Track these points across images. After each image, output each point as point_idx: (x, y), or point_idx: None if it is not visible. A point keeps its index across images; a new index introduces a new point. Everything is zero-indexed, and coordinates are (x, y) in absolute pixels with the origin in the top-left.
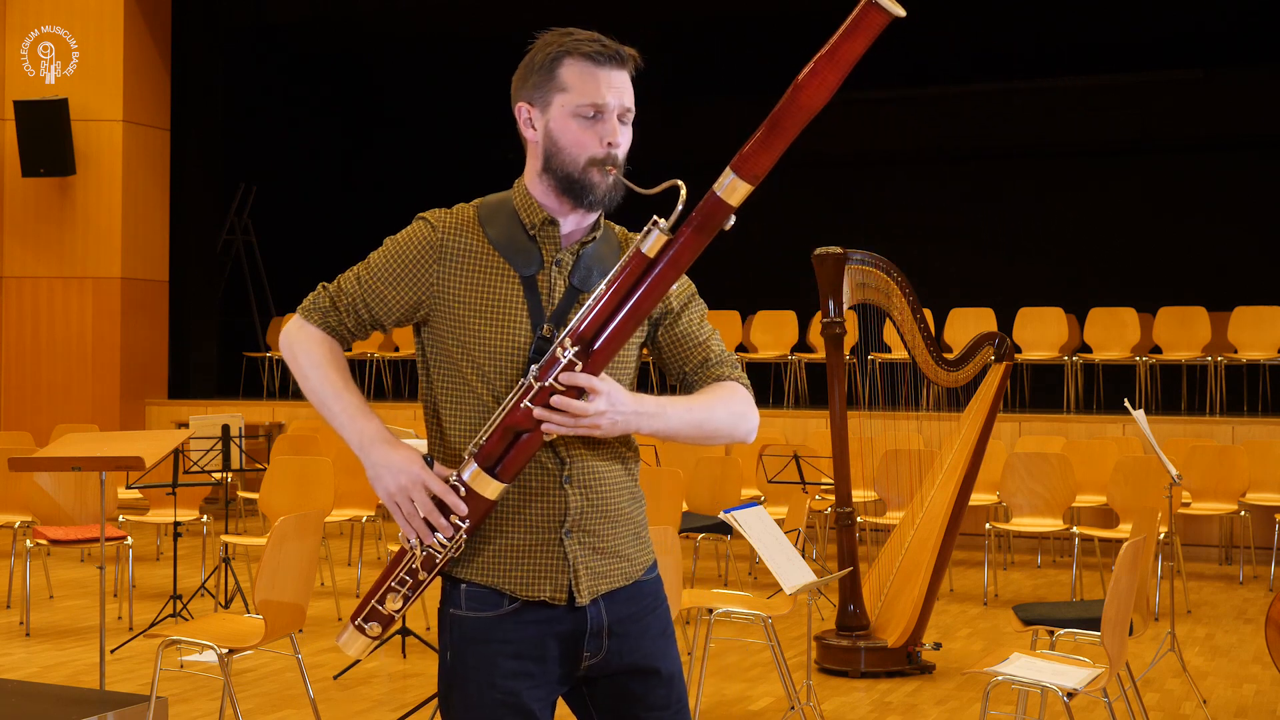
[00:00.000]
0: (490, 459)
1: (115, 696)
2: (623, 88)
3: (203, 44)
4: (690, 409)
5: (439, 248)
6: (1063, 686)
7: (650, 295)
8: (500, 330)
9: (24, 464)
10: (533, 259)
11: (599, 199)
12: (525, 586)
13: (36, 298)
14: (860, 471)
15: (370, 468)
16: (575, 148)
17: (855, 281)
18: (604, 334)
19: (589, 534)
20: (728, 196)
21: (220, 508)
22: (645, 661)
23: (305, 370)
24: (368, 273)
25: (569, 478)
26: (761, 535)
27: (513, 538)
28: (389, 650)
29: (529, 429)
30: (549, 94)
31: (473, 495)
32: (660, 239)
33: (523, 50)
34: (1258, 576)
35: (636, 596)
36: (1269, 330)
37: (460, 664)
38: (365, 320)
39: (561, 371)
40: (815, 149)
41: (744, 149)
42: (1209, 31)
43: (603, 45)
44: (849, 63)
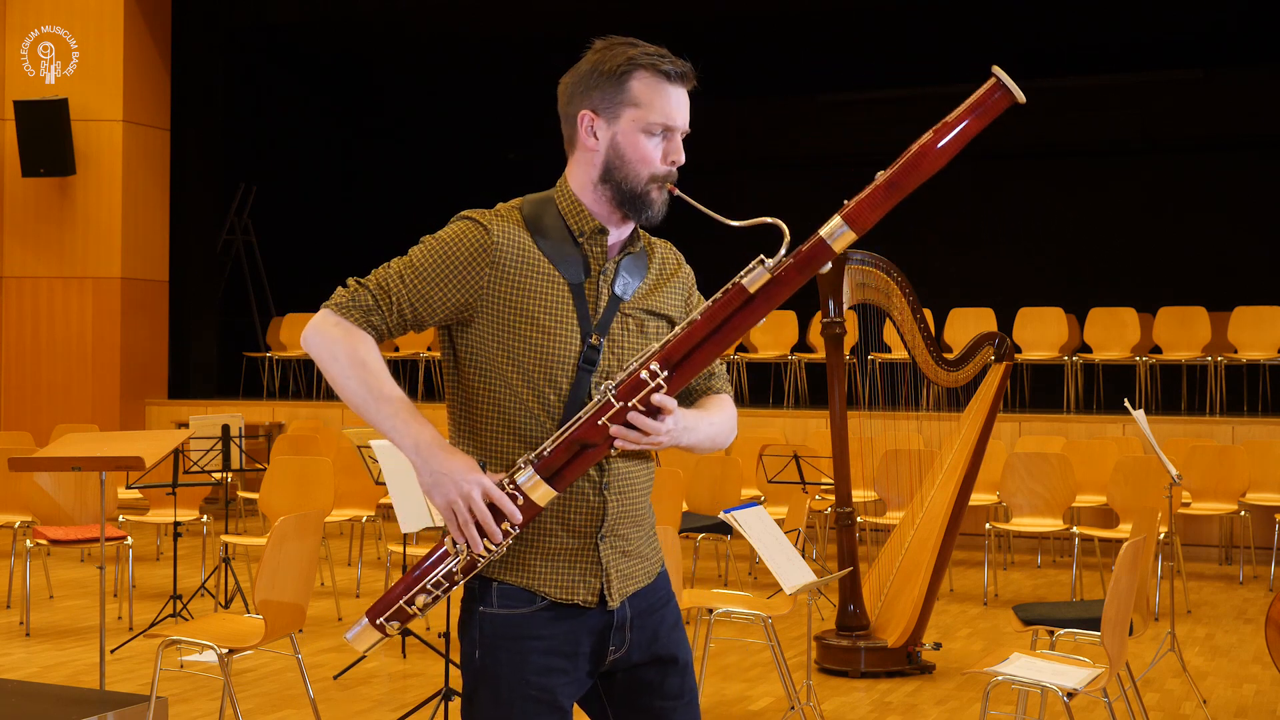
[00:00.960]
0: (550, 469)
1: (115, 696)
2: (686, 108)
3: (203, 44)
4: (711, 424)
5: (491, 251)
6: (1063, 686)
7: (740, 327)
8: (550, 338)
9: (24, 464)
10: (579, 267)
11: (655, 215)
12: (561, 589)
13: (36, 298)
14: (860, 471)
15: (429, 475)
16: (641, 164)
17: (855, 281)
18: (691, 358)
19: (620, 538)
20: (834, 244)
21: (220, 508)
22: (664, 651)
23: (348, 370)
24: (413, 272)
25: (607, 484)
26: (761, 535)
27: (552, 541)
28: (389, 650)
29: (598, 443)
30: (619, 106)
31: (526, 502)
32: (764, 277)
33: (519, 48)
34: (1258, 576)
35: (652, 590)
36: (1269, 330)
37: (491, 661)
38: (409, 320)
39: (650, 393)
40: (815, 149)
41: (858, 202)
42: (1209, 31)
43: (674, 63)
44: (970, 136)
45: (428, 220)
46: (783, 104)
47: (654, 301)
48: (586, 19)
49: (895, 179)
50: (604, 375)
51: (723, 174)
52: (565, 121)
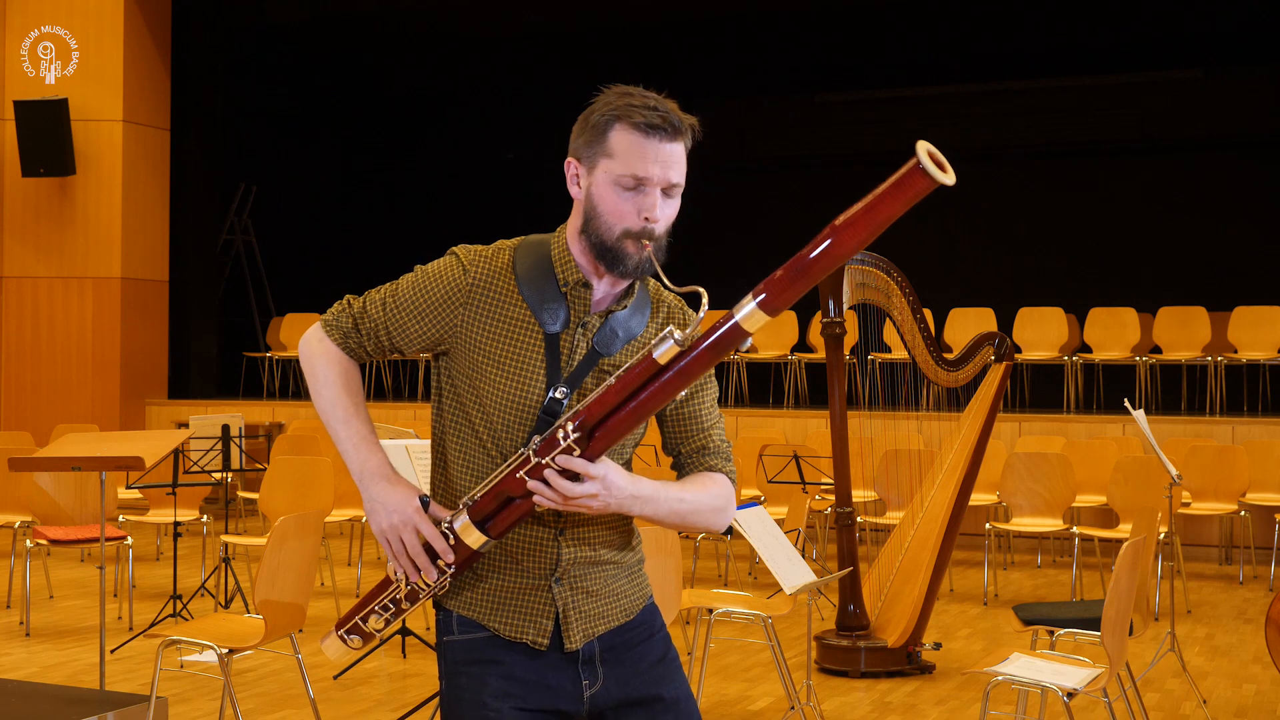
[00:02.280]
0: (481, 515)
1: (115, 696)
2: (670, 161)
3: (203, 44)
4: (682, 499)
5: (467, 291)
6: (1063, 686)
7: (655, 400)
8: (515, 384)
9: (24, 464)
10: (559, 317)
11: (629, 270)
12: (509, 628)
13: (36, 298)
14: (860, 471)
15: (367, 501)
16: (612, 216)
17: (855, 281)
18: (605, 424)
19: (580, 578)
20: (746, 324)
21: (220, 508)
22: (646, 690)
23: (319, 388)
24: (394, 301)
25: (563, 531)
26: (761, 535)
27: (502, 579)
28: (389, 650)
29: (518, 497)
30: (596, 157)
31: (460, 544)
32: (673, 349)
33: (519, 48)
34: (1258, 576)
35: (628, 626)
36: (1269, 330)
37: (454, 687)
38: (385, 346)
39: (559, 453)
40: (815, 149)
41: (769, 283)
42: (1209, 31)
43: (659, 115)
44: (885, 222)
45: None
46: (783, 104)
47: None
48: (586, 20)
49: (804, 262)
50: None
51: (722, 174)
52: None
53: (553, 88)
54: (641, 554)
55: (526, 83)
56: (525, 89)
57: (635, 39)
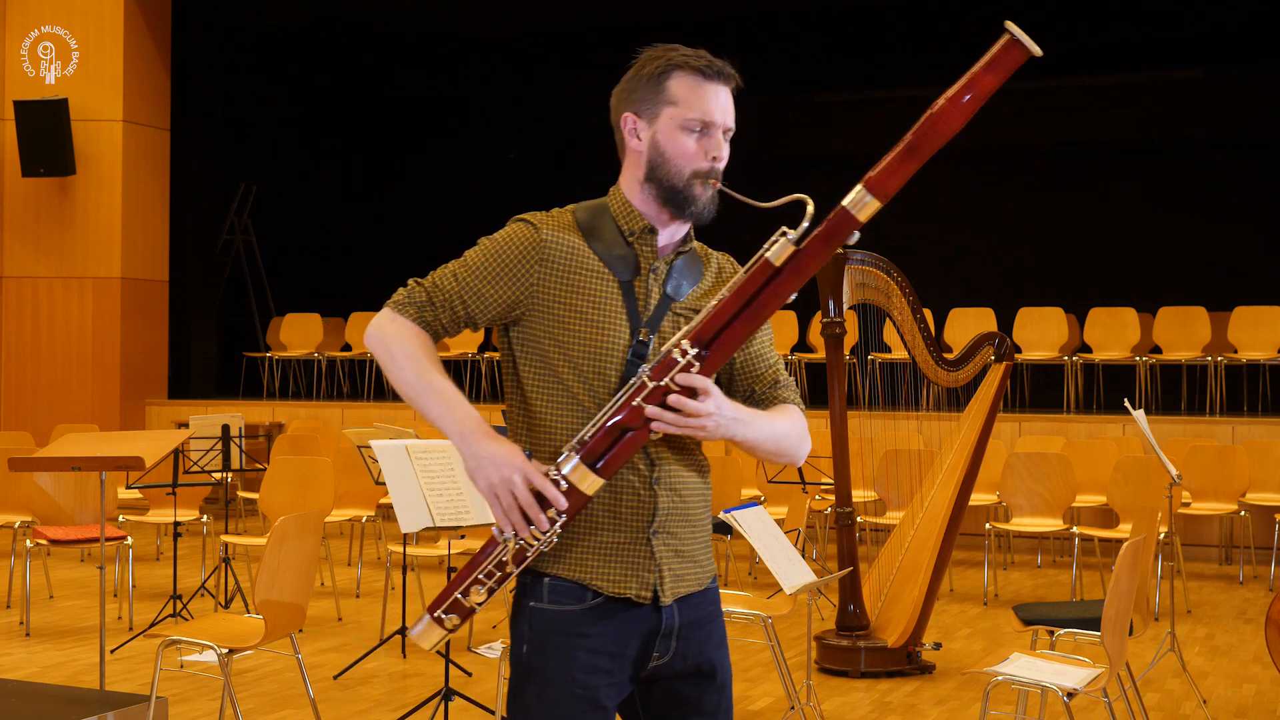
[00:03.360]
0: (593, 455)
1: (115, 696)
2: (728, 106)
3: (203, 44)
4: (773, 424)
5: (541, 248)
6: (1063, 686)
7: (770, 302)
8: (599, 333)
9: (24, 464)
10: (630, 265)
11: (700, 210)
12: (613, 583)
13: (36, 298)
14: (860, 471)
15: (471, 459)
16: (681, 159)
17: (855, 281)
18: (722, 336)
19: (673, 536)
20: (857, 212)
21: (220, 508)
22: (706, 665)
23: (400, 361)
24: (465, 270)
25: (658, 479)
26: (761, 535)
27: (603, 535)
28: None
29: (636, 427)
30: (657, 106)
31: (573, 490)
32: (788, 248)
33: (518, 49)
34: (1258, 576)
35: (703, 602)
36: (1269, 330)
37: (539, 657)
38: (460, 317)
39: (679, 372)
40: (815, 149)
41: (878, 168)
42: (1209, 31)
43: (710, 62)
44: (986, 94)
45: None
46: (783, 104)
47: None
48: (586, 19)
49: (914, 142)
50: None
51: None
52: (615, 129)
53: (553, 88)
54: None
55: (526, 83)
56: (525, 89)
57: (635, 39)
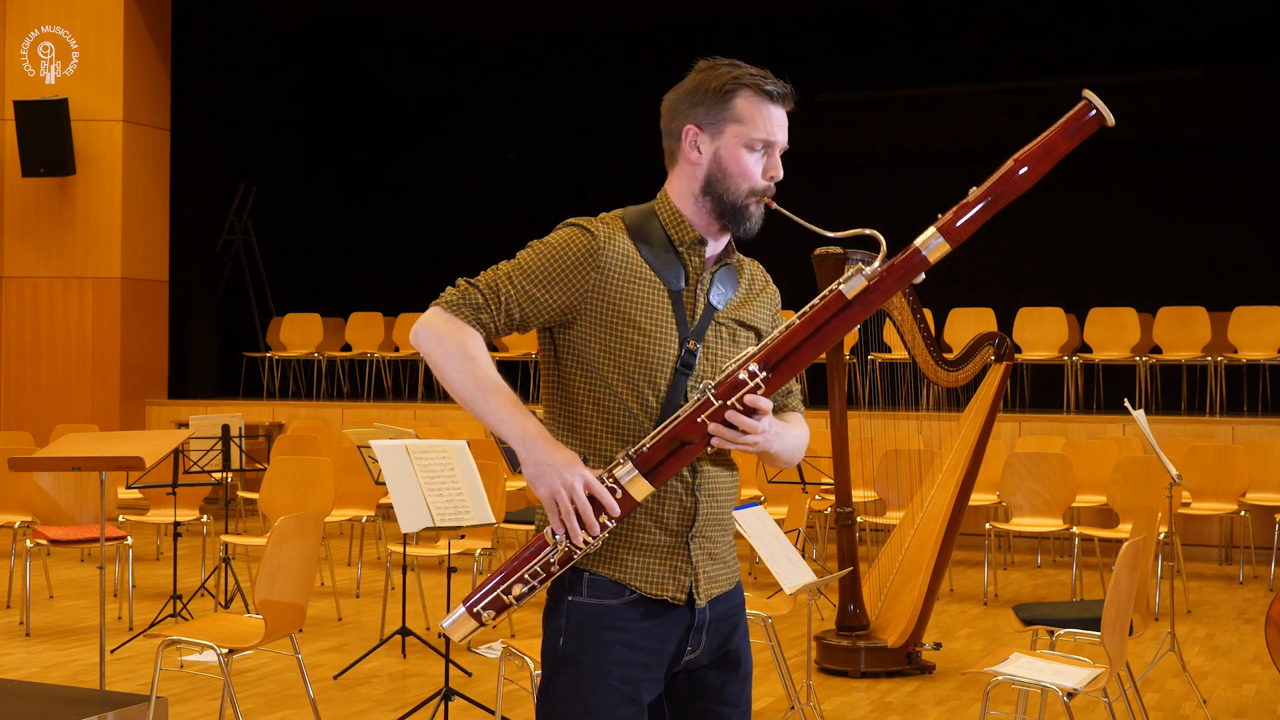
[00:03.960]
0: (649, 464)
1: (115, 696)
2: (786, 127)
3: (203, 44)
4: (794, 436)
5: (598, 255)
6: (1063, 686)
7: (837, 331)
8: (651, 342)
9: (24, 464)
10: (679, 275)
11: (750, 227)
12: (652, 584)
13: (36, 298)
14: (860, 471)
15: (533, 465)
16: (741, 178)
17: None
18: (788, 360)
19: (709, 540)
20: (929, 253)
21: (220, 508)
22: (731, 657)
23: (458, 363)
24: (522, 274)
25: (699, 485)
26: (761, 535)
27: (645, 536)
28: (389, 650)
29: (695, 441)
30: (722, 122)
31: (625, 497)
32: (862, 284)
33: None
34: (1258, 576)
35: (730, 597)
36: (1269, 330)
37: (575, 649)
38: (516, 320)
39: (747, 393)
40: (815, 149)
41: (952, 215)
42: (1209, 31)
43: (776, 84)
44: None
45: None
46: None
47: (745, 313)
48: (586, 19)
49: (990, 195)
50: (699, 379)
51: None
52: (668, 135)
53: (553, 88)
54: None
55: (526, 83)
56: (525, 89)
57: (635, 39)
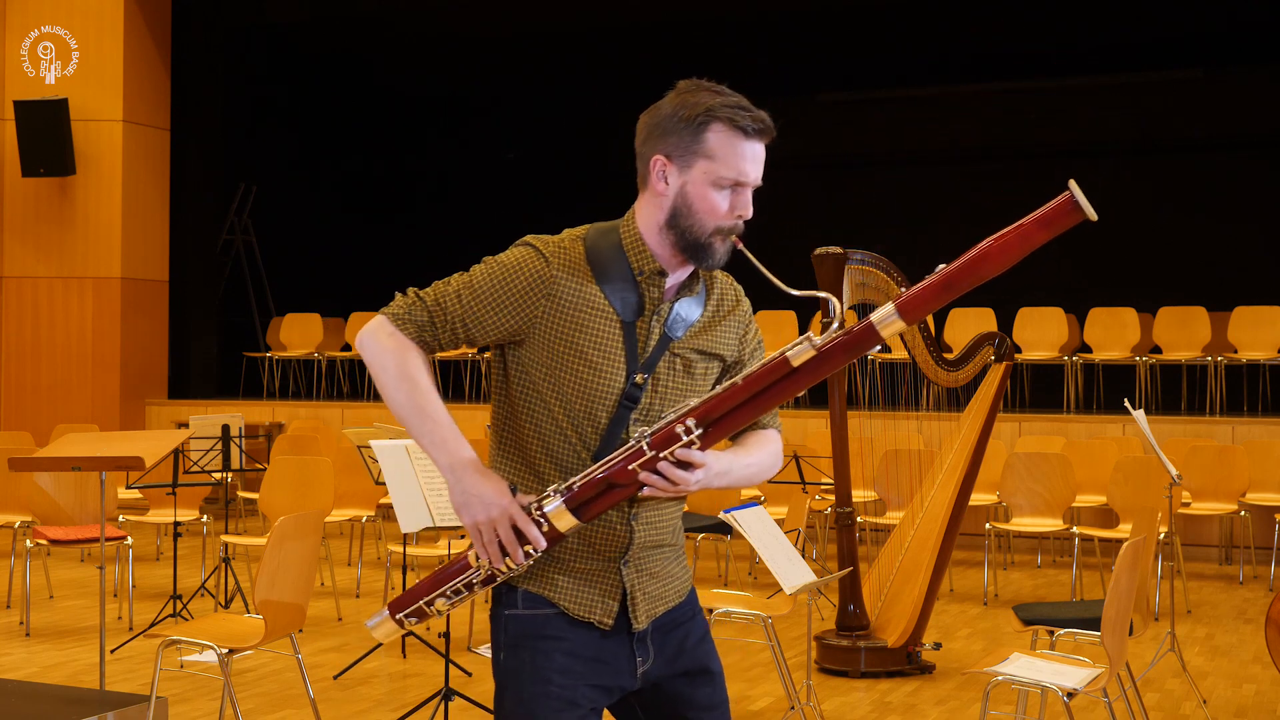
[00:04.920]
0: (577, 501)
1: (115, 696)
2: (761, 162)
3: (203, 44)
4: (749, 465)
5: (549, 284)
6: (1063, 686)
7: (777, 397)
8: (596, 374)
9: (24, 464)
10: (635, 306)
11: (714, 263)
12: (579, 606)
13: (36, 298)
14: (860, 471)
15: (460, 494)
16: (708, 215)
17: (855, 281)
18: (726, 419)
19: (645, 561)
20: (883, 329)
21: (220, 508)
22: (694, 664)
23: (396, 383)
24: (470, 294)
25: (636, 515)
26: (761, 535)
27: (576, 561)
28: (389, 650)
29: (625, 485)
30: (692, 156)
31: (551, 529)
32: (809, 353)
33: (518, 49)
34: (1258, 576)
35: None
36: (1269, 330)
37: (514, 660)
38: (460, 339)
39: (680, 447)
40: (815, 149)
41: (913, 294)
42: (1209, 31)
43: (752, 117)
44: (1033, 248)
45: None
46: (783, 104)
47: (705, 340)
48: (586, 19)
49: (951, 279)
50: (644, 413)
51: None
52: (639, 159)
53: (553, 88)
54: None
55: (526, 83)
56: (525, 89)
57: (635, 39)
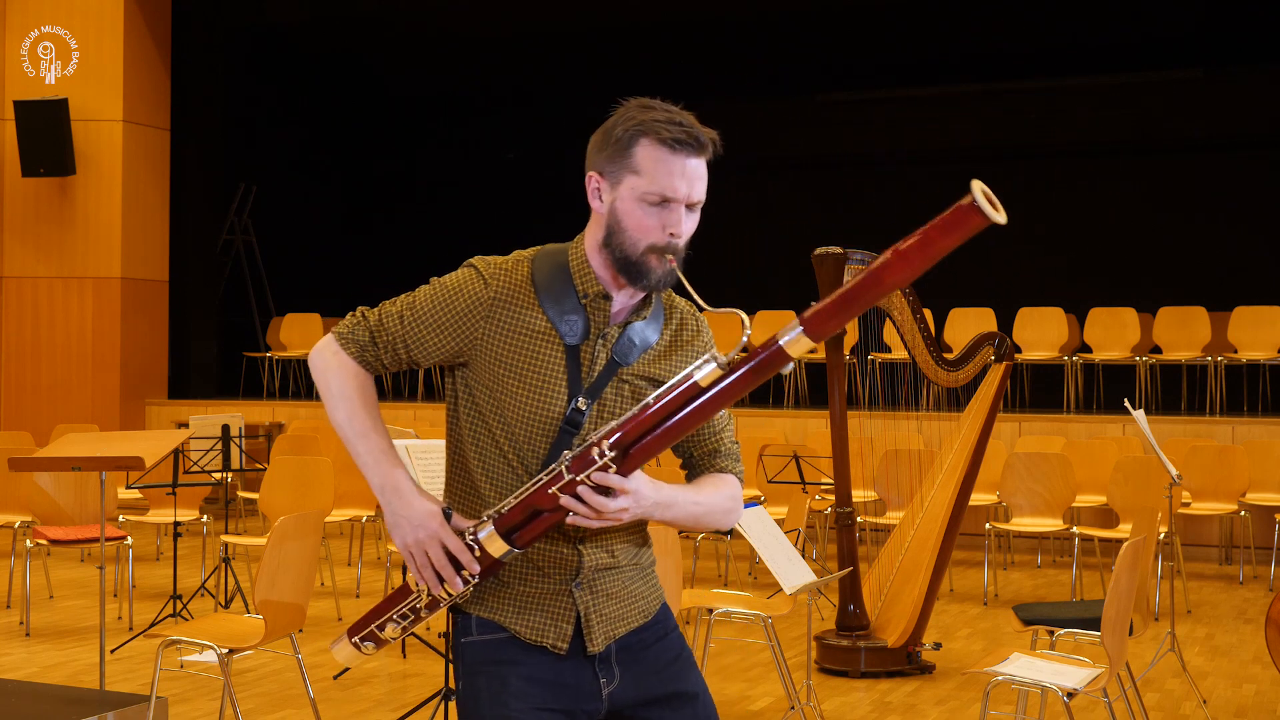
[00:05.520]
0: (507, 526)
1: (115, 696)
2: (695, 176)
3: (203, 44)
4: (698, 502)
5: (489, 305)
6: (1063, 686)
7: (692, 420)
8: (537, 397)
9: (24, 464)
10: (580, 329)
11: (652, 284)
12: (531, 631)
13: (36, 298)
14: (860, 471)
15: (390, 516)
16: (638, 232)
17: None
18: (641, 443)
19: (599, 582)
20: (789, 348)
21: (220, 508)
22: (662, 689)
23: (335, 402)
24: (412, 314)
25: (583, 539)
26: (761, 535)
27: (524, 585)
28: (389, 650)
29: (549, 510)
30: (621, 172)
31: (485, 555)
32: (715, 372)
33: (518, 50)
34: (1258, 576)
35: (640, 628)
36: (1269, 330)
37: (472, 687)
38: (402, 359)
39: (595, 471)
40: (815, 149)
41: (816, 310)
42: (1209, 31)
43: (684, 131)
44: (938, 257)
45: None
46: (783, 104)
47: (659, 368)
48: (586, 19)
49: (853, 293)
50: (585, 440)
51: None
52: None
53: (553, 88)
54: (653, 556)
55: (526, 83)
56: (525, 89)
57: (635, 39)
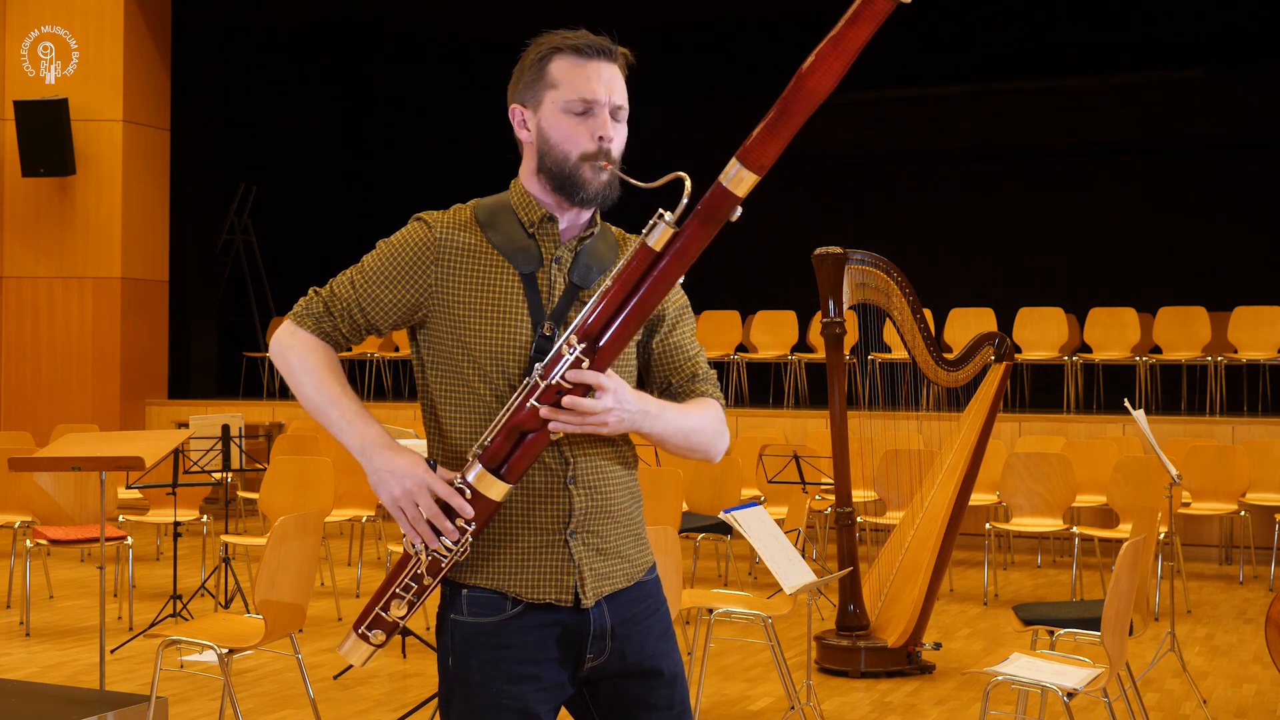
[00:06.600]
0: (495, 460)
1: (115, 696)
2: (612, 81)
3: (203, 44)
4: (685, 415)
5: (436, 247)
6: (1063, 686)
7: (656, 290)
8: (501, 329)
9: (24, 464)
10: (532, 256)
11: (591, 195)
12: (531, 589)
13: (36, 298)
14: (860, 471)
15: (373, 473)
16: (566, 143)
17: (855, 281)
18: (610, 329)
19: (593, 534)
20: (734, 187)
21: (220, 508)
22: (648, 663)
23: (300, 377)
24: (362, 276)
25: (573, 478)
26: (761, 535)
27: (518, 541)
28: (389, 650)
29: (535, 429)
30: (539, 92)
31: (478, 497)
32: (666, 232)
33: (518, 50)
34: (1258, 576)
35: (638, 598)
36: (1269, 330)
37: (463, 668)
38: (360, 325)
39: (569, 369)
40: (815, 149)
41: (750, 139)
42: (1209, 31)
43: (589, 40)
44: (854, 50)
45: None
46: None
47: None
48: (584, 20)
49: (782, 105)
50: None
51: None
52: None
53: None
54: (643, 518)
55: None
56: None
57: (635, 40)
